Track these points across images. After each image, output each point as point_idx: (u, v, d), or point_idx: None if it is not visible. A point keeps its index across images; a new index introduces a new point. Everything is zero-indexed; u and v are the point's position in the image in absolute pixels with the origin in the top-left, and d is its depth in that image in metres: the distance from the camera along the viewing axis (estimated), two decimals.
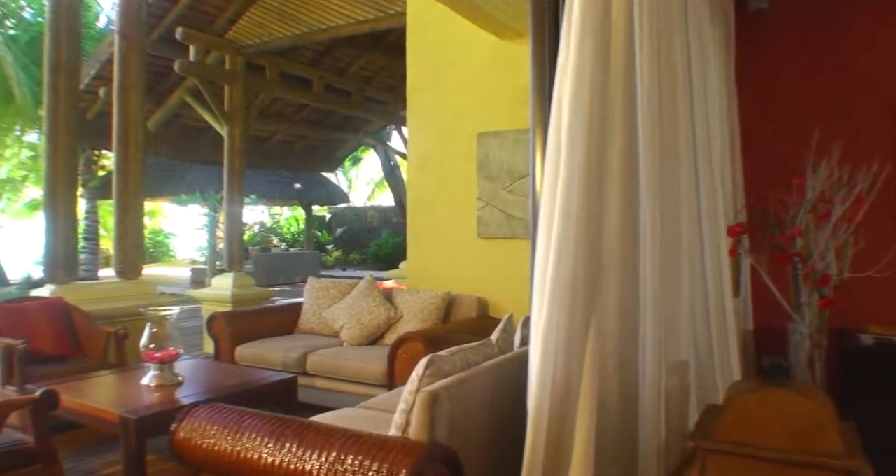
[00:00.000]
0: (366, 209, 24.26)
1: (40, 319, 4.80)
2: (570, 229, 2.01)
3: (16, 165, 20.28)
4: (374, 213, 23.38)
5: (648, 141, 2.15)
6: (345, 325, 5.21)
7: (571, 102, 2.08)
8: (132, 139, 6.17)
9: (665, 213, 2.20)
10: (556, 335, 2.02)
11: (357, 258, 21.23)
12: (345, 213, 23.57)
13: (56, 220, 5.66)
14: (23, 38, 13.57)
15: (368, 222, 22.94)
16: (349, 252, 21.50)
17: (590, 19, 2.08)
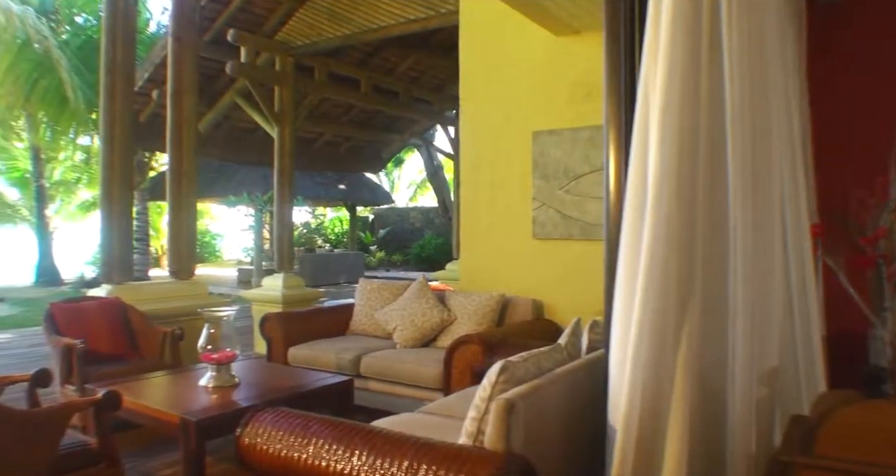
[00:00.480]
0: (408, 210, 24.27)
1: (98, 319, 4.84)
2: (661, 230, 1.90)
3: (69, 168, 20.81)
4: (416, 214, 23.37)
5: (738, 140, 2.02)
6: (398, 327, 5.14)
7: (663, 102, 1.97)
8: (185, 141, 6.21)
9: (755, 213, 2.07)
10: (647, 340, 1.91)
11: (400, 259, 21.24)
12: (387, 214, 23.62)
13: (111, 221, 5.71)
14: (75, 43, 13.89)
15: (411, 223, 22.95)
16: (392, 253, 21.52)
17: (680, 17, 1.97)
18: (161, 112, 8.34)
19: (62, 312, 4.71)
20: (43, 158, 18.27)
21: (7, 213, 19.55)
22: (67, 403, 2.73)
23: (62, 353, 4.29)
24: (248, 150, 9.96)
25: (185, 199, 6.21)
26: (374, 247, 21.61)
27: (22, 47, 12.17)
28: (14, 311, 11.86)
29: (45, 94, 12.73)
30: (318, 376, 4.09)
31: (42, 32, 11.85)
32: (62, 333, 4.59)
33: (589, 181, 4.91)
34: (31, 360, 7.32)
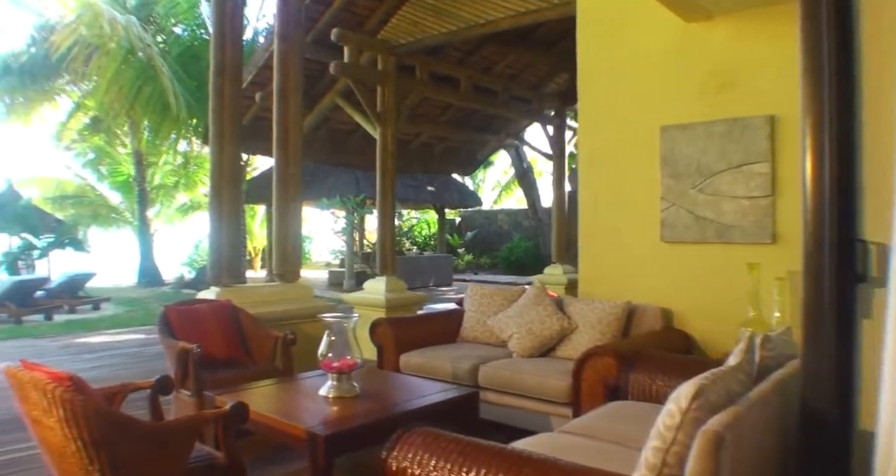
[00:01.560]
0: (495, 212, 23.99)
1: (211, 322, 4.77)
2: None
3: (168, 172, 21.58)
4: (504, 217, 23.06)
5: None
6: (514, 335, 4.86)
7: None
8: (291, 143, 6.13)
9: None
10: None
11: (488, 262, 20.98)
12: (474, 217, 23.41)
13: (221, 223, 5.66)
14: (174, 51, 14.28)
15: (498, 226, 22.66)
16: (480, 256, 21.29)
17: None
18: (264, 115, 8.38)
19: (177, 315, 4.65)
20: (144, 163, 18.94)
21: (111, 217, 20.41)
22: (197, 416, 2.58)
23: (178, 358, 4.21)
24: (346, 152, 9.91)
25: (292, 201, 6.12)
26: (461, 250, 21.42)
27: (126, 56, 12.58)
28: (119, 310, 12.23)
29: (147, 100, 13.13)
30: (440, 388, 3.85)
31: (145, 41, 12.20)
32: (176, 336, 4.53)
33: (725, 179, 4.50)
34: (140, 361, 7.43)
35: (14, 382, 2.49)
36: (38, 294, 11.51)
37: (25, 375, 2.40)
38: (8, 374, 2.50)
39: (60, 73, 17.14)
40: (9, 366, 2.52)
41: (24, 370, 2.45)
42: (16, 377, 2.45)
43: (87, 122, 19.73)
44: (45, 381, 2.33)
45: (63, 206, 19.74)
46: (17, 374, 2.44)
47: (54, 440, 2.42)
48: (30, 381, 2.37)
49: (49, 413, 2.37)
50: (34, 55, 16.30)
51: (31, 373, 2.43)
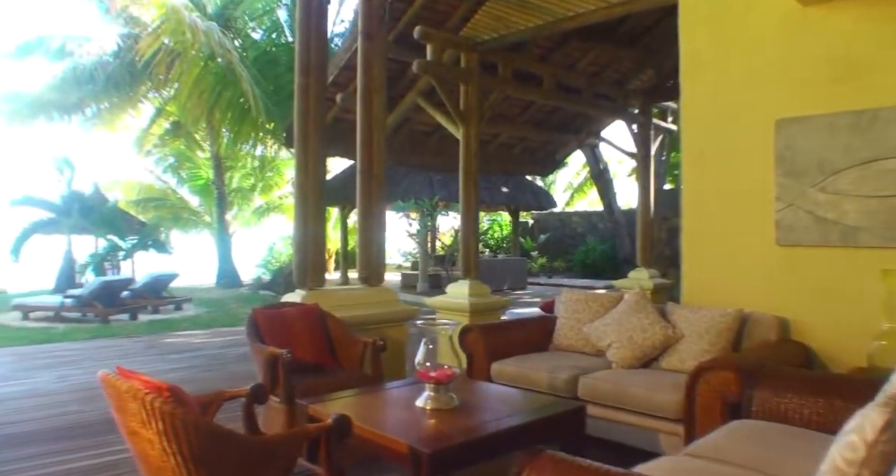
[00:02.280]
0: (569, 214, 23.52)
1: (299, 326, 4.65)
2: None
3: (244, 175, 22.01)
4: (578, 219, 22.58)
5: None
6: (613, 344, 4.57)
7: None
8: (375, 143, 5.98)
9: None
10: None
11: (562, 265, 20.57)
12: (547, 219, 23.01)
13: (306, 225, 5.56)
14: (252, 55, 14.46)
15: (572, 228, 22.20)
16: (554, 259, 20.88)
17: None
18: (343, 116, 8.31)
19: (264, 319, 4.54)
20: (223, 167, 19.34)
21: (192, 219, 20.93)
22: (301, 431, 2.42)
23: (267, 363, 4.09)
24: (424, 153, 9.76)
25: (376, 203, 5.98)
26: (534, 252, 21.06)
27: (207, 61, 12.79)
28: (200, 311, 12.44)
29: (227, 105, 13.35)
30: (542, 401, 3.61)
31: (225, 46, 12.37)
32: (265, 340, 4.42)
33: (850, 177, 4.10)
34: (222, 364, 7.44)
35: (111, 391, 2.38)
36: (124, 294, 11.79)
37: (123, 384, 2.28)
38: (105, 382, 2.39)
39: (143, 80, 17.69)
40: (106, 373, 2.41)
41: (122, 379, 2.34)
42: (113, 386, 2.34)
43: (168, 128, 20.31)
44: (143, 392, 2.20)
45: (146, 208, 20.37)
46: (114, 382, 2.32)
47: (152, 453, 2.29)
48: (128, 390, 2.25)
49: (147, 425, 2.24)
50: (119, 63, 16.86)
51: (129, 381, 2.31)
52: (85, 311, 11.06)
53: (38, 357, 7.92)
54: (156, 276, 12.61)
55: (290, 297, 5.54)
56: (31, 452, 4.29)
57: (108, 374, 2.39)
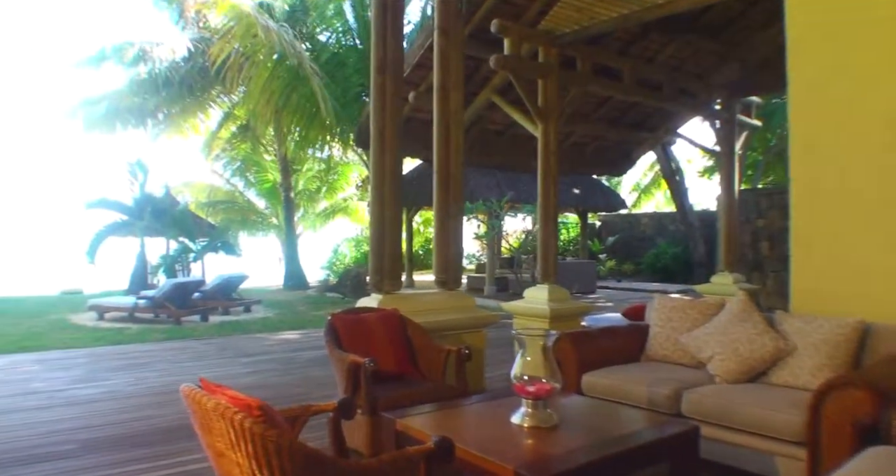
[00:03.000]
0: (639, 216, 22.87)
1: (379, 333, 4.45)
2: None
3: (310, 178, 22.16)
4: (647, 221, 21.92)
5: None
6: (716, 356, 4.20)
7: None
8: (453, 142, 5.76)
9: None
10: None
11: (631, 269, 19.97)
12: (615, 221, 22.41)
13: (383, 227, 5.37)
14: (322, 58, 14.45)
15: (641, 230, 21.55)
16: (623, 262, 20.30)
17: None
18: (415, 115, 8.11)
19: (343, 324, 4.35)
20: (290, 170, 19.48)
21: (259, 222, 21.17)
22: (402, 455, 2.18)
23: (349, 372, 3.89)
24: (495, 153, 9.49)
25: (453, 204, 5.74)
26: (603, 255, 20.52)
27: (277, 63, 12.81)
28: (269, 313, 12.45)
29: (296, 108, 13.33)
30: (648, 419, 3.31)
31: (296, 48, 12.36)
32: (344, 347, 4.23)
33: None
34: (294, 368, 7.32)
35: (195, 408, 2.18)
36: (195, 295, 11.89)
37: (209, 401, 2.08)
38: (188, 398, 2.20)
39: (213, 85, 17.97)
40: (189, 388, 2.22)
41: (207, 394, 2.14)
42: (197, 402, 2.14)
43: (235, 131, 20.60)
44: (232, 411, 2.00)
45: (215, 211, 20.68)
46: (199, 398, 2.13)
47: None
48: (214, 409, 2.05)
49: (236, 447, 2.04)
50: (191, 67, 17.15)
51: (215, 398, 2.11)
52: (157, 313, 11.19)
53: (113, 358, 7.96)
54: (226, 277, 12.69)
55: (366, 302, 5.36)
56: (113, 459, 4.20)
57: (191, 390, 2.20)
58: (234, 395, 2.17)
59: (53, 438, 4.62)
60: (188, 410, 2.27)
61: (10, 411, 5.40)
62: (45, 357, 7.98)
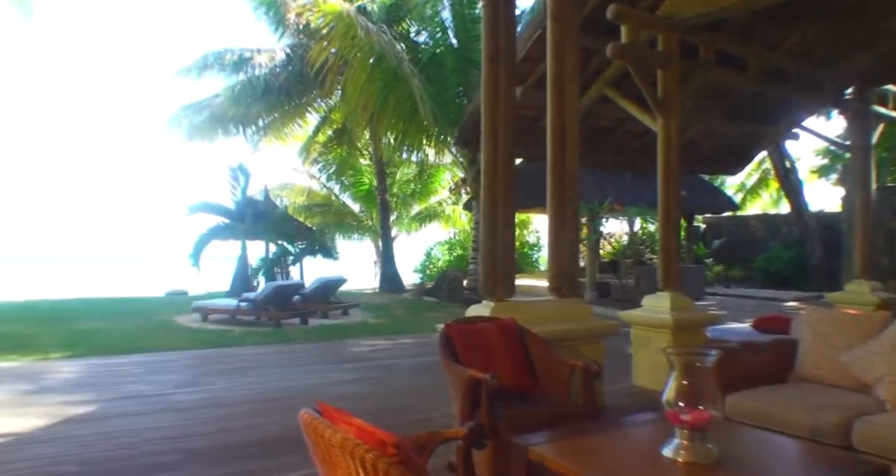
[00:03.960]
0: (747, 218, 21.61)
1: (497, 345, 4.08)
2: None
3: (404, 182, 22.13)
4: (756, 223, 20.66)
5: None
6: (885, 378, 3.63)
7: None
8: (569, 138, 5.33)
9: None
10: None
11: (740, 274, 18.83)
12: (721, 224, 21.22)
13: (495, 229, 5.01)
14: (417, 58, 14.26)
15: (751, 233, 20.31)
16: (730, 267, 19.18)
17: None
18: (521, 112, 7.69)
19: (459, 335, 4.01)
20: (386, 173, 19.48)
21: (354, 225, 21.29)
22: None
23: (467, 389, 3.54)
24: (602, 151, 8.95)
25: (569, 205, 5.32)
26: (709, 259, 19.45)
27: (376, 65, 12.70)
28: (367, 317, 12.33)
29: (393, 110, 13.18)
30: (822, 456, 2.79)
31: (394, 48, 12.20)
32: (460, 360, 3.88)
33: None
34: (397, 377, 7.07)
35: (316, 439, 1.87)
36: (294, 298, 11.90)
37: (334, 435, 1.77)
38: (308, 427, 1.90)
39: (311, 89, 18.17)
40: (310, 416, 1.91)
41: (331, 426, 1.83)
42: (319, 434, 1.83)
43: (332, 135, 20.78)
44: (363, 449, 1.67)
45: (311, 214, 20.93)
46: (321, 430, 1.82)
47: None
48: (341, 444, 1.73)
49: None
50: (289, 73, 17.38)
51: (341, 430, 1.80)
52: (258, 315, 11.24)
53: (215, 361, 7.96)
54: (325, 280, 12.65)
55: (477, 310, 5.01)
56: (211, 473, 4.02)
57: (312, 418, 1.89)
58: (362, 426, 1.85)
59: (154, 447, 4.50)
60: (306, 441, 1.97)
61: (113, 416, 5.36)
62: (150, 359, 8.06)
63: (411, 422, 4.97)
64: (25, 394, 6.15)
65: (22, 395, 6.08)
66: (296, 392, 6.17)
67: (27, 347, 8.67)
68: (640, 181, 14.30)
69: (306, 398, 5.85)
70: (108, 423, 5.14)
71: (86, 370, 7.30)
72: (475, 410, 3.56)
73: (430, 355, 8.20)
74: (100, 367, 7.47)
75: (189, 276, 17.18)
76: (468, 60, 13.52)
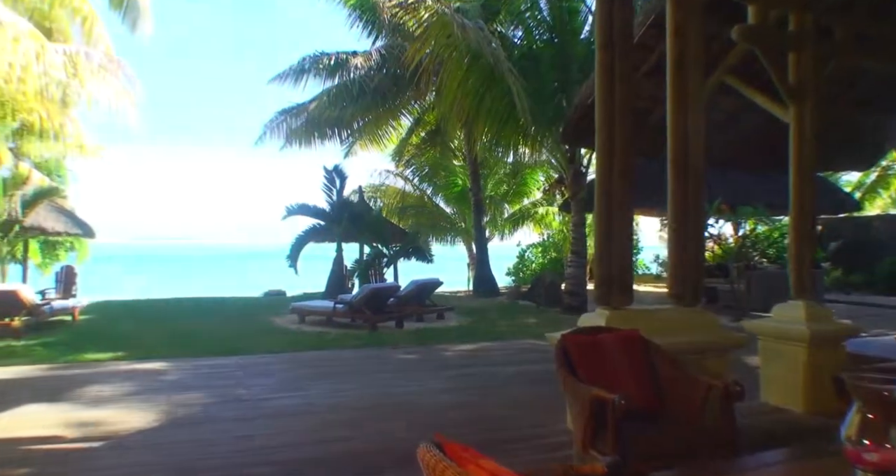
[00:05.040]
0: (868, 219, 20.01)
1: (617, 359, 3.67)
2: None
3: (496, 182, 21.78)
4: (880, 224, 19.08)
5: None
6: None
7: None
8: (692, 129, 4.86)
9: None
10: None
11: (860, 280, 17.41)
12: (839, 224, 19.72)
13: (610, 230, 4.60)
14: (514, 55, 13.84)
15: (873, 235, 18.77)
16: (849, 271, 17.78)
17: None
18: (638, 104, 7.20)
19: (577, 348, 3.61)
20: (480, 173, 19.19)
21: (446, 227, 21.10)
22: None
23: (591, 410, 3.15)
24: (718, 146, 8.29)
25: (693, 202, 4.83)
26: (826, 264, 18.08)
27: (472, 63, 12.40)
28: (462, 320, 12.03)
29: (489, 108, 12.83)
30: None
31: (492, 45, 11.86)
32: (578, 375, 3.49)
33: None
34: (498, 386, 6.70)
35: None
36: (390, 301, 11.75)
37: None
38: (429, 468, 1.57)
39: (405, 91, 18.11)
40: (430, 454, 1.59)
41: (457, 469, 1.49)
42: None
43: (425, 137, 20.67)
44: None
45: (405, 216, 20.87)
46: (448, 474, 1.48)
47: None
48: None
49: None
50: (384, 75, 17.36)
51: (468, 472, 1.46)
52: (354, 317, 11.13)
53: (311, 364, 7.85)
54: (421, 283, 12.44)
55: (591, 319, 4.60)
56: None
57: (433, 457, 1.57)
58: (495, 472, 1.51)
59: (246, 457, 4.32)
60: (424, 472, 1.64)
61: (207, 421, 5.25)
62: (249, 361, 8.04)
63: (516, 439, 4.61)
64: (129, 395, 6.17)
65: (126, 397, 6.11)
66: (391, 400, 5.91)
67: (134, 347, 8.84)
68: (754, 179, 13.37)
69: (403, 408, 5.60)
70: (204, 428, 5.03)
71: (188, 371, 7.32)
72: (599, 435, 3.17)
73: (531, 363, 7.82)
74: (202, 369, 7.48)
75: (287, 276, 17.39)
76: (566, 55, 13.02)
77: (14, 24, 8.30)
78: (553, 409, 4.92)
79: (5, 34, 8.03)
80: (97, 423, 5.13)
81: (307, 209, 16.68)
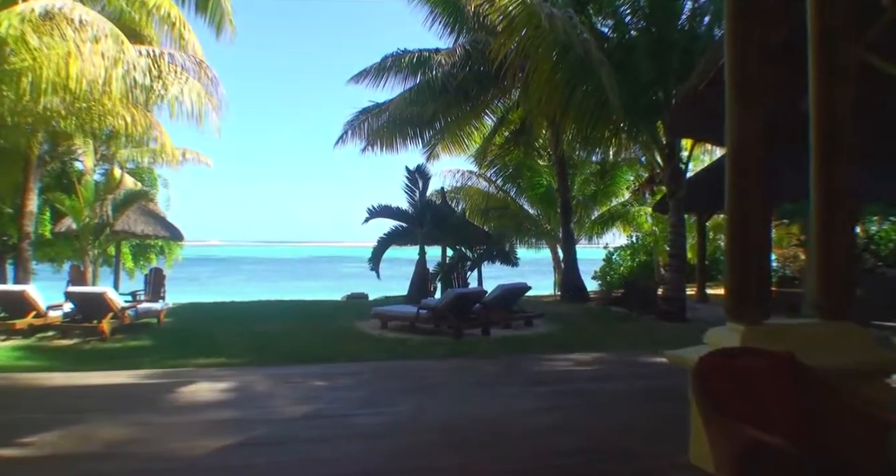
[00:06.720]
0: None
1: (765, 387, 3.01)
2: None
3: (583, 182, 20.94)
4: None
5: None
6: None
7: None
8: (839, 110, 4.12)
9: None
10: None
11: None
12: None
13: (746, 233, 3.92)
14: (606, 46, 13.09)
15: None
16: None
17: None
18: None
19: (720, 376, 2.96)
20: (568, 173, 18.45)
21: (531, 229, 20.39)
22: None
23: (743, 456, 2.51)
24: None
25: (841, 196, 4.09)
26: None
27: (560, 55, 11.74)
28: (552, 328, 11.35)
29: (580, 103, 12.12)
30: None
31: (583, 35, 11.17)
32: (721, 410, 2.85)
33: None
34: (603, 406, 6.04)
35: None
36: (475, 307, 11.20)
37: None
38: None
39: (488, 89, 17.55)
40: None
41: None
42: None
43: (508, 136, 20.06)
44: None
45: (488, 218, 20.30)
46: None
47: None
48: None
49: None
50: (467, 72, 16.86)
51: None
52: (438, 323, 10.65)
53: (396, 376, 7.41)
54: (507, 288, 11.81)
55: (722, 335, 3.93)
56: None
57: None
58: None
59: None
60: None
61: (289, 441, 4.80)
62: (331, 370, 7.68)
63: (638, 472, 3.98)
64: (204, 408, 5.86)
65: (200, 410, 5.79)
66: (482, 423, 5.30)
67: (214, 353, 8.63)
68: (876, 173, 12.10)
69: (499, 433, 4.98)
70: (283, 449, 4.60)
71: (267, 381, 6.98)
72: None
73: (637, 379, 7.13)
74: (282, 378, 7.13)
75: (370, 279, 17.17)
76: (664, 42, 12.12)
77: (94, 23, 8.22)
78: (672, 436, 4.27)
79: (86, 34, 7.97)
80: (160, 438, 4.80)
81: (389, 211, 16.37)
